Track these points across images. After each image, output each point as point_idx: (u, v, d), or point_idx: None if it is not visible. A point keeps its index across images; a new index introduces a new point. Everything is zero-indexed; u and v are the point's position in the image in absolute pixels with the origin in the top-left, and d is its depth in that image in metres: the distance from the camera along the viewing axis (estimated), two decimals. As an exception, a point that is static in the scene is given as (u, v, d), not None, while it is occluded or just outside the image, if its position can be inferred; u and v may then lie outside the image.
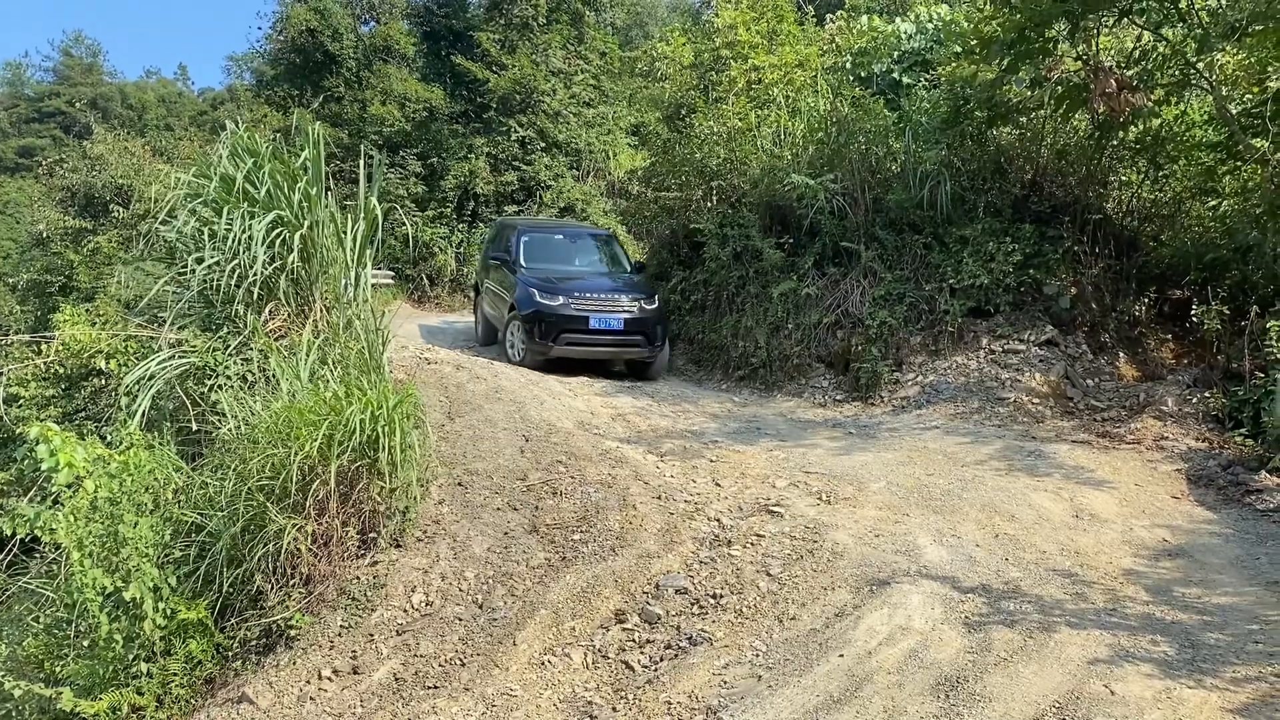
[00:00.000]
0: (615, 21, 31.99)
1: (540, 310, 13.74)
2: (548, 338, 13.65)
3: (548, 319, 13.68)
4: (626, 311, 13.98)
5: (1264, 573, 7.17)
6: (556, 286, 14.05)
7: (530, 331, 13.77)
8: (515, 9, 26.38)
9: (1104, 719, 5.13)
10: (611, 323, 13.85)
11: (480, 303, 16.87)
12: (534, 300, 13.86)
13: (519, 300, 14.14)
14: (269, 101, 28.82)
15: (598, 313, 13.85)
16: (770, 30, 19.86)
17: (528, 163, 25.38)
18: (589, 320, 13.77)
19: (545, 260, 15.24)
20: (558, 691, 6.21)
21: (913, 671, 5.73)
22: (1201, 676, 5.52)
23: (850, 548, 7.41)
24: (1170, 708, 5.20)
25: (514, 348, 14.27)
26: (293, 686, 6.63)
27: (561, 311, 13.72)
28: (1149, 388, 12.24)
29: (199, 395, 9.06)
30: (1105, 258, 14.26)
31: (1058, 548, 7.58)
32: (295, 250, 9.58)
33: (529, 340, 13.80)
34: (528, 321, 13.82)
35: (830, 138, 15.98)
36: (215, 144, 11.17)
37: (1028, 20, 12.44)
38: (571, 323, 13.71)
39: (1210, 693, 5.34)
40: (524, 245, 15.33)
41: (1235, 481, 9.40)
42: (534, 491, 8.65)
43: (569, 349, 13.74)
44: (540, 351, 13.73)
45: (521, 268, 14.81)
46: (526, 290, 14.10)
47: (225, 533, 7.39)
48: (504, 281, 15.26)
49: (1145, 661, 5.72)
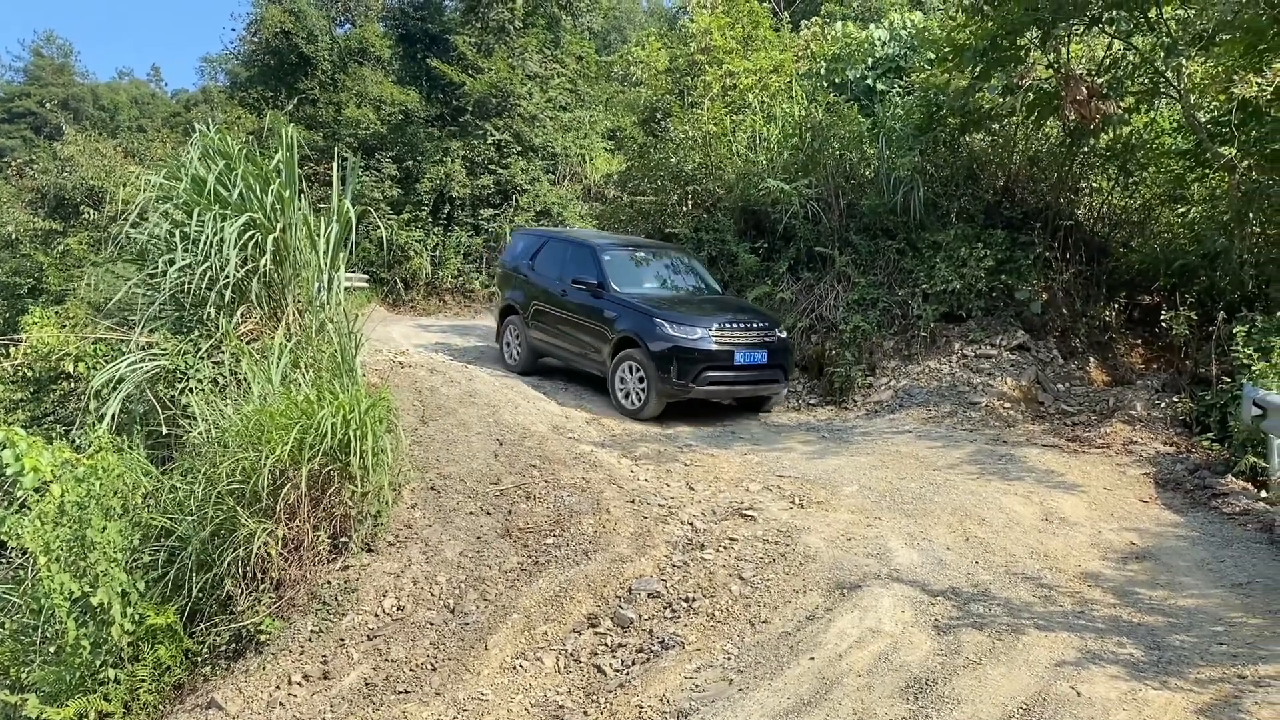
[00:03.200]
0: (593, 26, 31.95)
1: (677, 346, 11.55)
2: (687, 377, 11.54)
3: (686, 356, 11.54)
4: (766, 343, 12.15)
5: (1229, 575, 7.25)
6: (686, 317, 11.91)
7: (665, 370, 11.55)
8: (491, 12, 26.32)
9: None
10: (756, 357, 11.98)
11: (520, 328, 14.08)
12: (666, 334, 11.63)
13: (641, 333, 11.85)
14: (243, 103, 28.63)
15: (742, 346, 11.90)
16: (745, 36, 19.96)
17: (504, 166, 25.33)
18: (734, 355, 11.80)
19: (637, 283, 12.98)
20: (529, 696, 6.21)
21: (882, 674, 5.76)
22: (1167, 678, 5.58)
23: (822, 551, 7.44)
24: (1136, 709, 5.25)
25: (629, 393, 12.04)
26: (262, 692, 6.60)
27: (702, 346, 11.60)
28: (1118, 392, 12.37)
29: (169, 398, 9.02)
30: (1076, 263, 14.41)
31: (1027, 551, 7.65)
32: (268, 253, 9.54)
33: (662, 381, 11.57)
34: (661, 359, 11.58)
35: (805, 143, 16.07)
36: (188, 146, 11.09)
37: (1000, 28, 12.58)
38: (715, 359, 11.67)
39: (1175, 694, 5.40)
40: (608, 265, 12.91)
41: (1202, 485, 9.50)
42: (507, 495, 8.64)
43: (712, 389, 11.94)
44: (674, 394, 11.70)
45: (615, 292, 12.53)
46: (650, 322, 11.83)
47: (195, 537, 7.36)
48: (588, 309, 12.77)
49: (1112, 663, 5.77)
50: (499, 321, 14.79)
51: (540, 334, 13.72)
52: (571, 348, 13.18)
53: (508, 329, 14.47)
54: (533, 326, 13.81)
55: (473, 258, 25.64)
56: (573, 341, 13.13)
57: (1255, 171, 12.40)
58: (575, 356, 13.14)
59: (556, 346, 13.49)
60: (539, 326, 13.72)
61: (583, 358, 12.98)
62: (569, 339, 13.20)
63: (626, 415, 11.91)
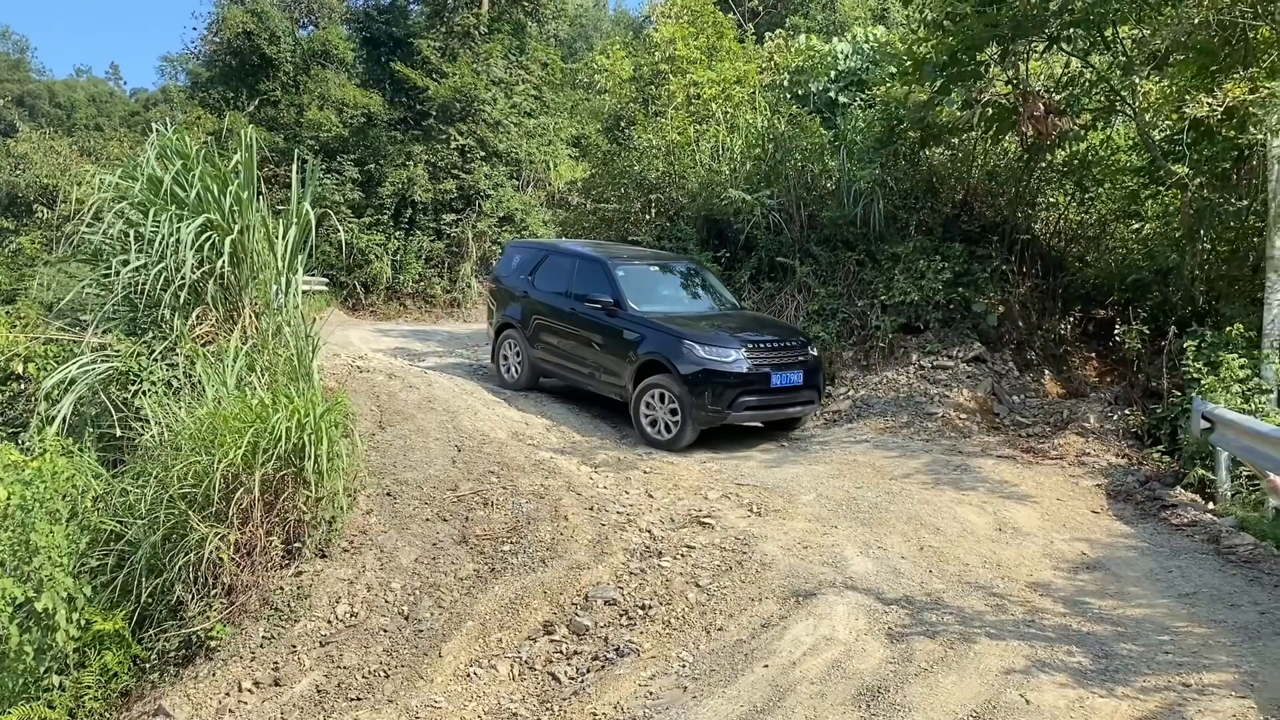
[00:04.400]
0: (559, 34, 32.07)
1: (709, 369, 10.78)
2: (722, 403, 10.79)
3: (721, 380, 10.78)
4: (802, 362, 11.50)
5: (1176, 585, 7.37)
6: (717, 337, 11.16)
7: (699, 396, 10.75)
8: (457, 18, 26.31)
9: (1019, 728, 5.24)
10: (792, 378, 11.29)
11: (520, 345, 13.24)
12: (697, 356, 10.87)
13: (670, 356, 11.04)
14: (203, 104, 28.37)
15: (778, 367, 11.20)
16: (710, 46, 20.05)
17: (467, 171, 25.28)
18: (770, 378, 11.10)
19: (654, 300, 12.19)
20: (482, 703, 6.18)
21: (835, 682, 5.79)
22: (1113, 686, 5.66)
23: (779, 559, 7.47)
24: (1082, 716, 5.32)
25: (657, 421, 11.16)
26: (211, 699, 6.51)
27: (737, 369, 10.86)
28: (1072, 405, 12.54)
29: (122, 401, 8.89)
30: (1032, 277, 14.61)
31: (980, 560, 7.73)
32: (225, 255, 9.45)
33: (696, 408, 10.78)
34: (693, 385, 10.77)
35: (767, 154, 16.18)
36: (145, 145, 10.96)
37: (960, 44, 12.73)
38: (751, 382, 10.96)
39: (1121, 701, 5.47)
40: (623, 282, 12.06)
41: (1152, 497, 9.66)
42: (464, 502, 8.60)
43: (748, 414, 11.17)
44: (709, 421, 10.95)
45: (634, 310, 11.72)
46: (679, 344, 11.03)
47: (145, 541, 7.26)
48: (603, 329, 11.94)
49: (1060, 671, 5.84)
50: (494, 337, 13.99)
51: (544, 353, 12.93)
52: (580, 369, 12.39)
53: (505, 345, 13.64)
54: (536, 345, 13.02)
55: (434, 263, 25.54)
56: (583, 363, 12.33)
57: (1206, 189, 12.66)
58: (584, 378, 12.39)
59: (563, 367, 12.71)
60: (543, 345, 12.94)
61: (592, 379, 12.23)
62: (578, 360, 12.42)
63: (656, 446, 11.05)
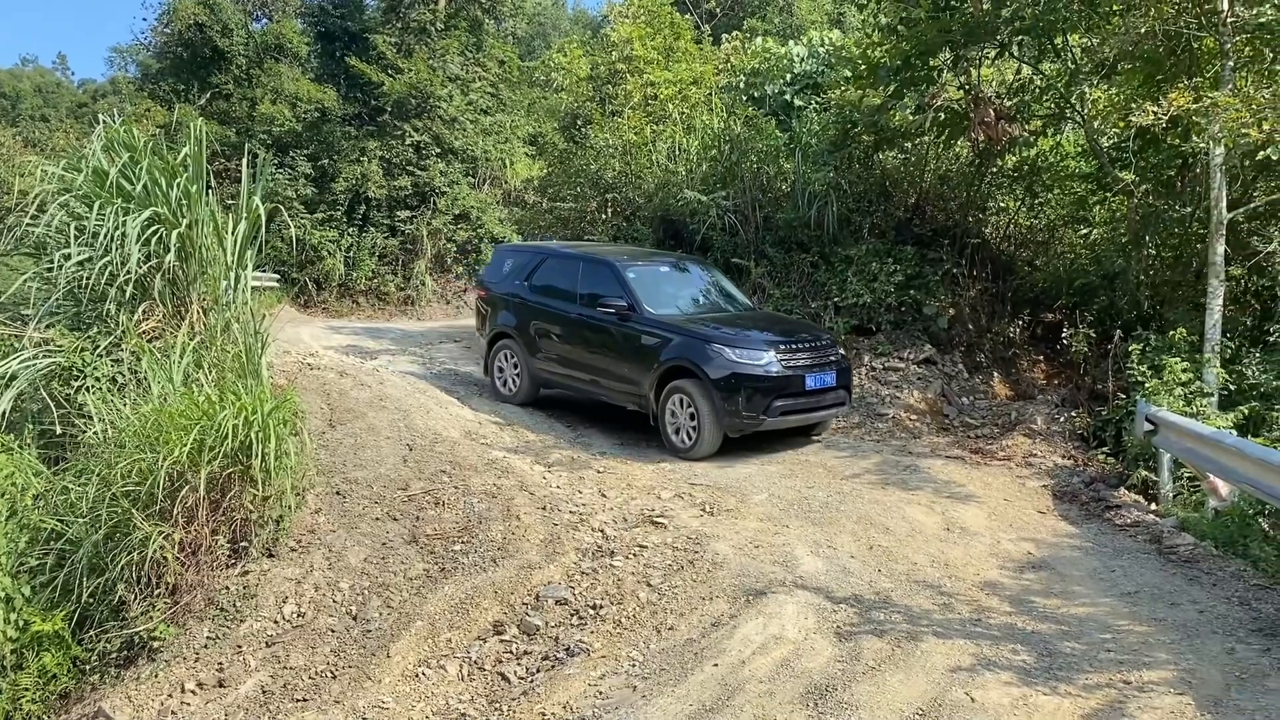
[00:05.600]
0: (516, 31, 31.90)
1: (741, 373, 10.28)
2: (757, 409, 10.32)
3: (754, 384, 10.30)
4: (833, 363, 11.05)
5: (1118, 584, 7.50)
6: (745, 339, 10.77)
7: (731, 402, 10.28)
8: (413, 13, 26.08)
9: (964, 725, 5.31)
10: (825, 379, 10.83)
11: (519, 356, 12.55)
12: (728, 359, 10.37)
13: (698, 361, 10.50)
14: (153, 96, 27.90)
15: (811, 368, 10.74)
16: (667, 47, 20.10)
17: (422, 168, 25.08)
18: (805, 380, 10.64)
19: (668, 302, 11.62)
20: (431, 704, 6.14)
21: (784, 680, 5.82)
22: (1056, 684, 5.75)
23: (730, 558, 7.50)
24: (1026, 714, 5.40)
25: (681, 429, 10.70)
26: (153, 700, 6.41)
27: (770, 372, 10.39)
28: (1020, 406, 12.73)
29: (64, 397, 8.72)
30: (982, 280, 14.81)
31: (928, 559, 7.81)
32: (172, 249, 9.28)
33: (729, 414, 10.32)
34: (725, 390, 10.28)
35: (723, 155, 16.24)
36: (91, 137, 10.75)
37: (913, 49, 12.88)
38: (785, 386, 10.50)
39: (1064, 699, 5.56)
40: (635, 285, 11.49)
41: (1096, 498, 9.83)
42: (415, 501, 8.53)
43: (783, 419, 10.64)
44: (742, 428, 10.51)
45: (649, 314, 11.17)
46: (707, 348, 10.52)
47: (86, 540, 7.13)
48: (616, 335, 11.34)
49: (1005, 669, 5.93)
50: (488, 348, 13.24)
51: (546, 363, 12.28)
52: (590, 378, 11.77)
53: (500, 356, 12.91)
54: (536, 355, 12.36)
55: (388, 260, 25.33)
56: (595, 371, 11.68)
57: (1151, 196, 12.93)
58: (594, 388, 11.77)
59: (569, 377, 12.07)
60: (545, 355, 12.29)
61: (604, 389, 11.63)
62: (586, 368, 11.79)
63: (679, 455, 10.61)
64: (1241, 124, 9.98)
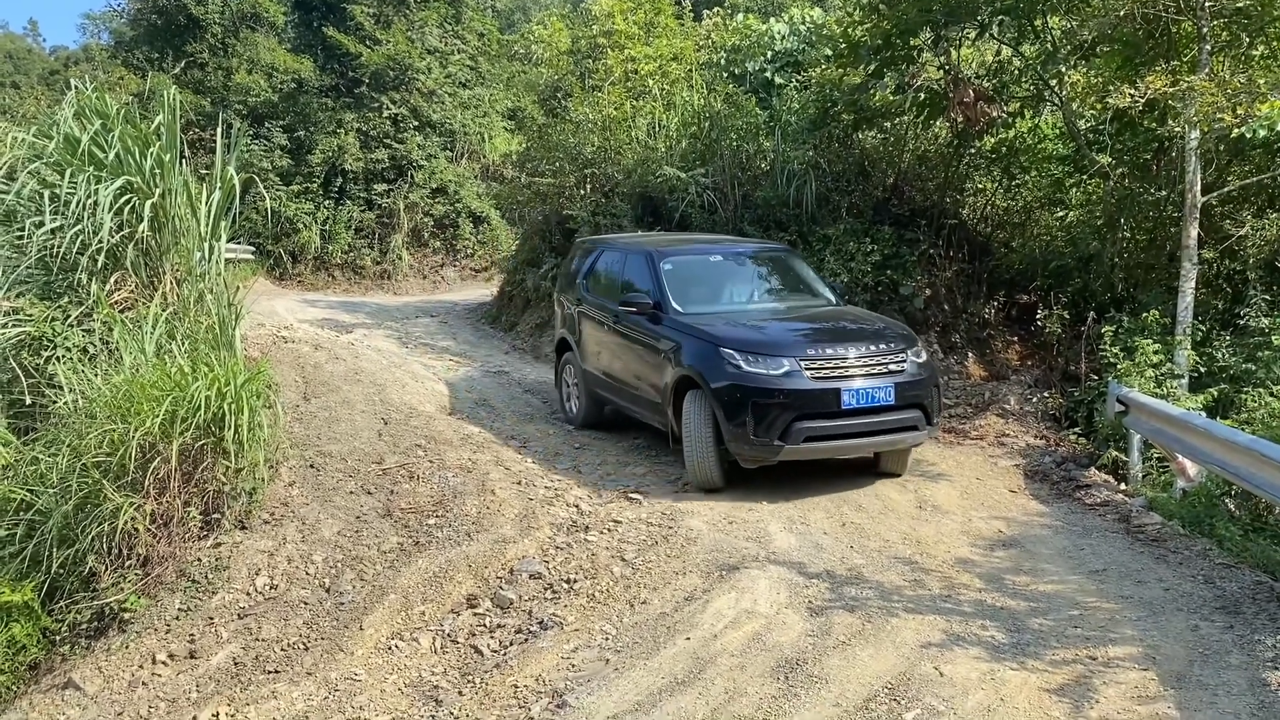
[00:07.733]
0: (496, 4, 31.58)
1: (747, 385, 8.19)
2: (772, 432, 8.12)
3: (765, 399, 8.14)
4: (892, 372, 8.54)
5: (1087, 563, 7.59)
6: (767, 342, 8.62)
7: (736, 422, 8.18)
8: (391, -17, 25.77)
9: (932, 699, 5.37)
10: (876, 395, 8.35)
11: (577, 368, 10.79)
12: (734, 368, 8.28)
13: (703, 369, 8.47)
14: (126, 64, 27.47)
15: (851, 379, 8.33)
16: (648, 22, 19.93)
17: (399, 141, 24.85)
18: (840, 395, 8.24)
19: (709, 299, 9.66)
20: (403, 676, 6.15)
21: (755, 654, 5.87)
22: (1024, 659, 5.82)
23: (704, 534, 7.54)
24: (993, 688, 5.47)
25: (694, 449, 8.55)
26: (124, 671, 6.39)
27: (789, 385, 8.18)
28: (994, 387, 12.82)
29: (34, 367, 8.63)
30: (959, 261, 14.84)
31: (900, 537, 7.87)
32: (145, 219, 9.18)
33: (734, 439, 8.27)
34: (728, 406, 8.22)
35: (703, 132, 16.18)
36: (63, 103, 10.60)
37: (894, 28, 12.85)
38: (810, 403, 8.21)
39: (1031, 674, 5.64)
40: (668, 277, 9.57)
41: (1067, 477, 9.94)
42: (390, 475, 8.52)
43: (815, 446, 8.34)
44: (754, 458, 8.39)
45: (676, 313, 9.23)
46: (714, 352, 8.44)
47: (56, 511, 7.08)
48: (642, 339, 9.49)
49: (974, 645, 6.00)
50: (556, 359, 11.60)
51: (597, 377, 10.41)
52: (632, 393, 9.84)
53: (566, 370, 11.19)
54: (589, 366, 10.55)
55: (365, 233, 25.13)
56: (629, 384, 9.85)
57: (1127, 179, 13.00)
58: (633, 405, 9.90)
59: (615, 391, 10.13)
60: (593, 367, 10.48)
61: (637, 407, 9.80)
62: (622, 382, 9.96)
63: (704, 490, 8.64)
64: (1216, 108, 10.05)
